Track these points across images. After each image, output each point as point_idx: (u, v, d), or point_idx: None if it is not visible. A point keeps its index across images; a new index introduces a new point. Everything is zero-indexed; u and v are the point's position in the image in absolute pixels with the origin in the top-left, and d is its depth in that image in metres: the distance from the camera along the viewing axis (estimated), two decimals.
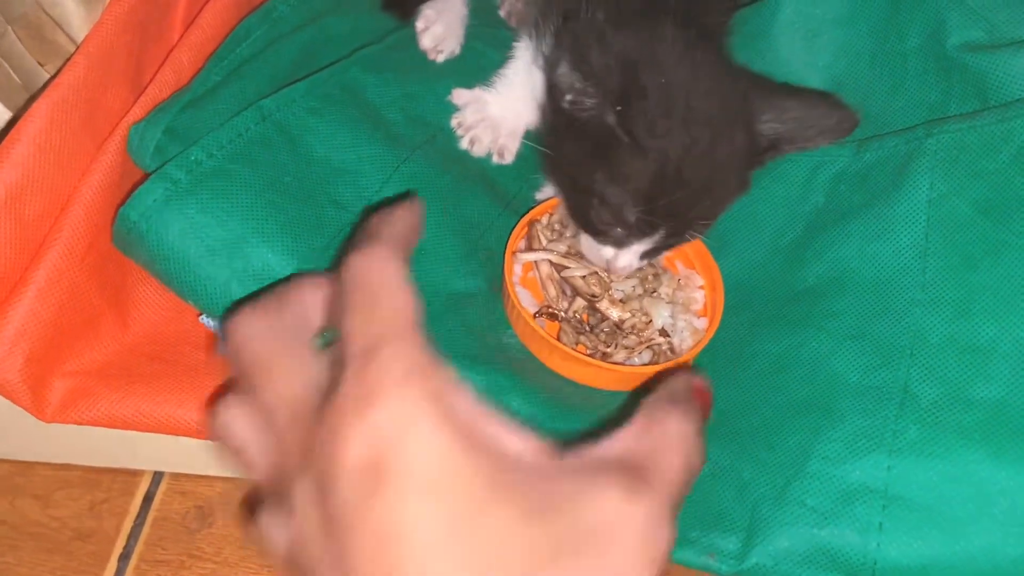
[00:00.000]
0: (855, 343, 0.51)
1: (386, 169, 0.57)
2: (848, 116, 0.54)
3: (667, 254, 0.61)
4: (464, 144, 0.64)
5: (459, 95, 0.65)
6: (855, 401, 0.49)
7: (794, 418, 0.51)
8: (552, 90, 0.54)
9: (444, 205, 0.59)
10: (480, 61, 0.66)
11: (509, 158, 0.65)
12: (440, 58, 0.68)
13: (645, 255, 0.56)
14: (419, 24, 0.68)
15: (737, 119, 0.52)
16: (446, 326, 0.54)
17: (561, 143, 0.56)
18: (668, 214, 0.52)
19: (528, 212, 0.60)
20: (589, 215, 0.55)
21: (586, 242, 0.57)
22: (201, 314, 0.54)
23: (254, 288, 0.49)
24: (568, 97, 0.52)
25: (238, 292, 0.49)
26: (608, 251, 0.56)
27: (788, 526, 0.47)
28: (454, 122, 0.65)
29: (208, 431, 0.34)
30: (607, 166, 0.52)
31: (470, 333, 0.55)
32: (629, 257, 0.55)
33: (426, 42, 0.68)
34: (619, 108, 0.50)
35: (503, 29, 0.72)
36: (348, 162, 0.56)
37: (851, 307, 0.53)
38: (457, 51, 0.68)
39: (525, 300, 0.57)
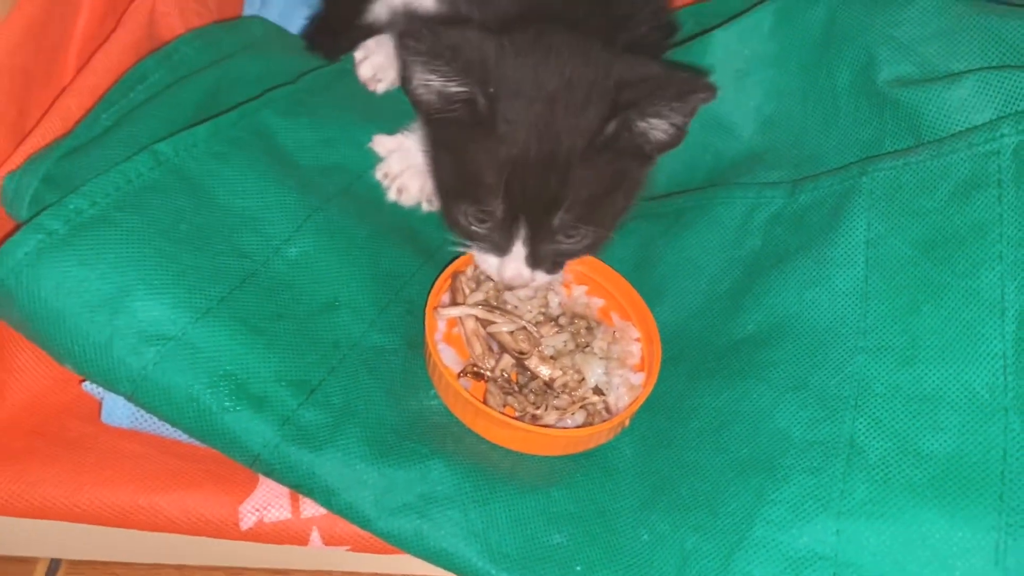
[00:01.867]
0: (797, 394, 0.48)
1: (296, 218, 0.54)
2: (700, 80, 0.52)
3: (587, 299, 0.58)
4: (392, 195, 0.61)
5: (381, 142, 0.62)
6: (800, 458, 0.46)
7: (737, 479, 0.47)
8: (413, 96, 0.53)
9: (360, 256, 0.55)
10: (400, 105, 0.63)
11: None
12: (380, 88, 0.66)
13: (533, 262, 0.53)
14: (358, 54, 0.67)
15: (590, 99, 0.50)
16: (362, 386, 0.49)
17: (434, 153, 0.56)
18: (523, 199, 0.50)
19: (452, 263, 0.56)
20: (458, 217, 0.53)
21: (477, 257, 0.55)
22: (84, 380, 0.49)
23: (140, 348, 0.44)
24: (422, 82, 0.51)
25: (122, 352, 0.44)
26: (492, 260, 0.54)
27: None
28: (379, 173, 0.61)
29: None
30: (462, 159, 0.51)
31: (388, 395, 0.50)
32: (515, 264, 0.53)
33: (364, 72, 0.66)
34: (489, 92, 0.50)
35: None
36: (254, 209, 0.52)
37: (792, 356, 0.50)
38: (397, 83, 0.66)
39: (448, 358, 0.53)
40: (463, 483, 0.47)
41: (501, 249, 0.53)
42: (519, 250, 0.52)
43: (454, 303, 0.55)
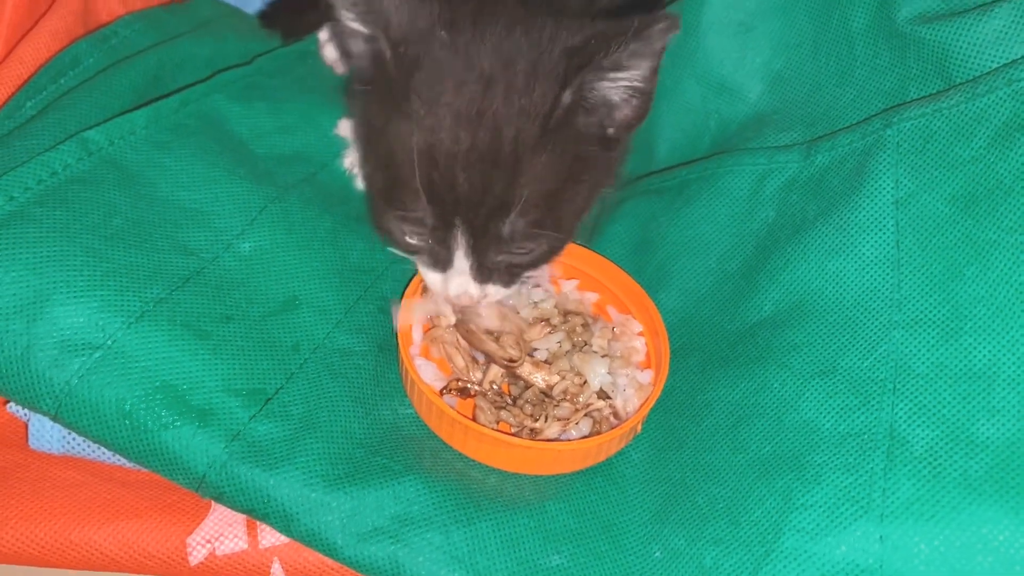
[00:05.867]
0: (825, 380, 0.42)
1: (250, 210, 0.48)
2: (656, 14, 0.40)
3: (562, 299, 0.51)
4: (361, 184, 0.55)
5: (346, 127, 0.56)
6: (832, 454, 0.39)
7: (760, 482, 0.41)
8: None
9: (323, 249, 0.49)
10: None
11: None
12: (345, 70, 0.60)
13: (482, 276, 0.45)
14: (322, 34, 0.61)
15: (536, 75, 0.42)
16: (325, 394, 0.43)
17: (362, 148, 0.49)
18: (457, 202, 0.42)
19: None
20: (390, 226, 0.45)
21: (422, 272, 0.47)
22: (7, 402, 0.43)
23: (63, 359, 0.38)
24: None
25: (41, 365, 0.38)
26: (435, 276, 0.46)
27: None
28: (346, 161, 0.55)
29: None
30: (383, 151, 0.44)
31: (356, 404, 0.44)
32: (459, 280, 0.45)
33: (330, 53, 0.61)
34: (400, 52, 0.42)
35: None
36: (201, 202, 0.47)
37: (816, 337, 0.44)
38: None
39: (429, 375, 0.46)
40: (443, 502, 0.41)
41: (442, 263, 0.45)
42: (462, 263, 0.44)
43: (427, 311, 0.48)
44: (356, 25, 0.43)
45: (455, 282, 0.45)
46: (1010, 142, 0.40)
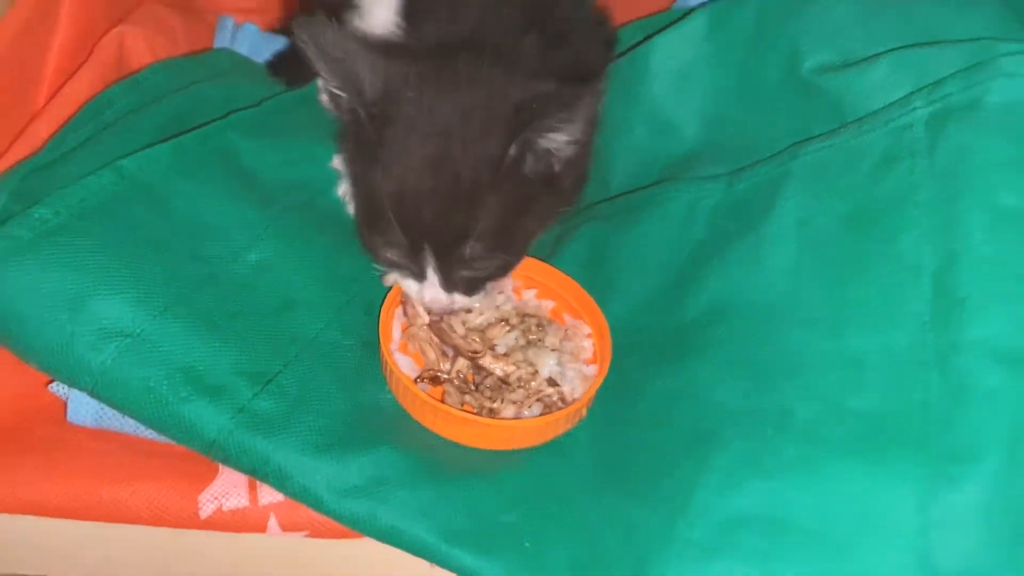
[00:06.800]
0: (735, 369, 0.50)
1: (256, 227, 0.56)
2: (586, 86, 0.50)
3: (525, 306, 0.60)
4: (352, 209, 0.63)
5: (340, 161, 0.65)
6: (736, 427, 0.47)
7: (680, 452, 0.48)
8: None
9: (318, 261, 0.57)
10: None
11: None
12: None
13: (448, 287, 0.54)
14: (320, 81, 0.69)
15: (489, 128, 0.51)
16: (317, 379, 0.51)
17: (351, 178, 0.57)
18: (424, 231, 0.51)
19: None
20: (374, 245, 0.54)
21: (400, 281, 0.56)
22: (50, 383, 0.51)
23: (100, 344, 0.46)
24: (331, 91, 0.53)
25: (82, 350, 0.46)
26: (413, 285, 0.55)
27: (675, 565, 0.44)
28: (340, 190, 0.64)
29: None
30: (366, 187, 0.53)
31: (342, 389, 0.52)
32: (432, 290, 0.54)
33: (326, 99, 0.68)
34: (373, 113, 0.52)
35: None
36: (214, 220, 0.55)
37: (731, 334, 0.52)
38: None
39: (405, 366, 0.55)
40: (414, 467, 0.49)
41: (417, 276, 0.54)
42: (432, 277, 0.53)
43: (405, 313, 0.57)
44: (334, 90, 0.52)
45: (428, 292, 0.54)
46: (885, 171, 0.48)
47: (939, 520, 0.40)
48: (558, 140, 0.52)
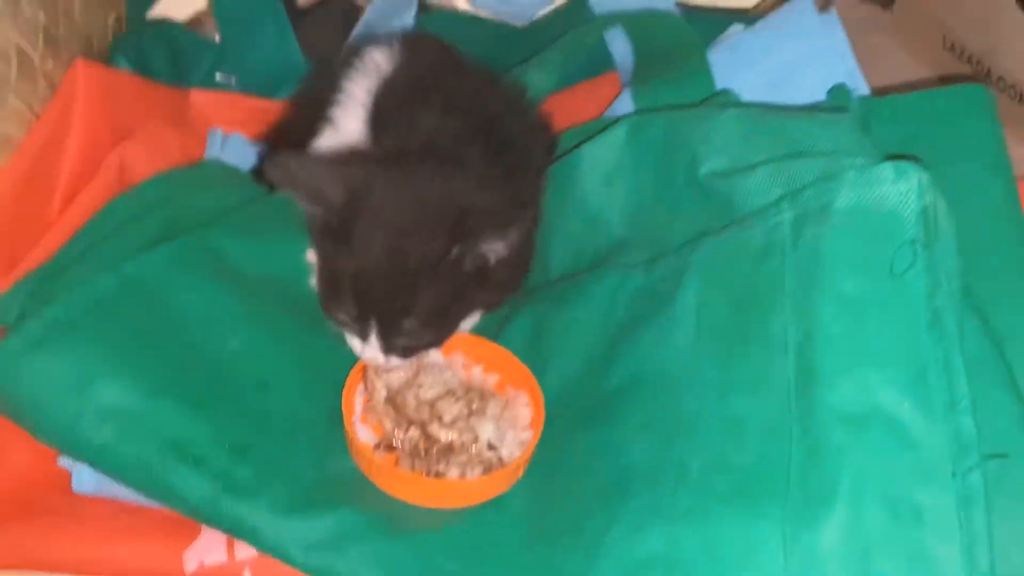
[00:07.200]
0: (645, 430, 0.58)
1: (237, 315, 0.65)
2: (517, 211, 0.62)
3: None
4: None
5: (313, 255, 0.74)
6: (643, 481, 0.55)
7: (597, 504, 0.56)
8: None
9: (291, 346, 0.66)
10: None
11: None
12: None
13: (386, 350, 0.62)
14: None
15: (436, 229, 0.61)
16: (289, 450, 0.59)
17: (318, 258, 0.67)
18: (372, 305, 0.60)
19: None
20: (330, 311, 0.64)
21: (348, 339, 0.65)
22: (59, 456, 0.60)
23: (100, 423, 0.55)
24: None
25: (85, 428, 0.55)
26: (356, 342, 0.63)
27: None
28: (312, 281, 0.73)
29: None
30: (329, 267, 0.63)
31: (311, 456, 0.60)
32: (372, 351, 0.62)
33: None
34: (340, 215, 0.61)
35: None
36: (201, 312, 0.64)
37: (642, 402, 0.59)
38: None
39: (365, 436, 0.63)
40: (371, 524, 0.57)
41: (362, 337, 0.63)
42: (373, 341, 0.62)
43: (367, 389, 0.66)
44: (305, 207, 0.62)
45: (368, 351, 0.62)
46: (761, 262, 0.56)
47: (799, 558, 0.47)
48: (494, 247, 0.61)
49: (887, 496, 0.47)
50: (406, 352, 0.64)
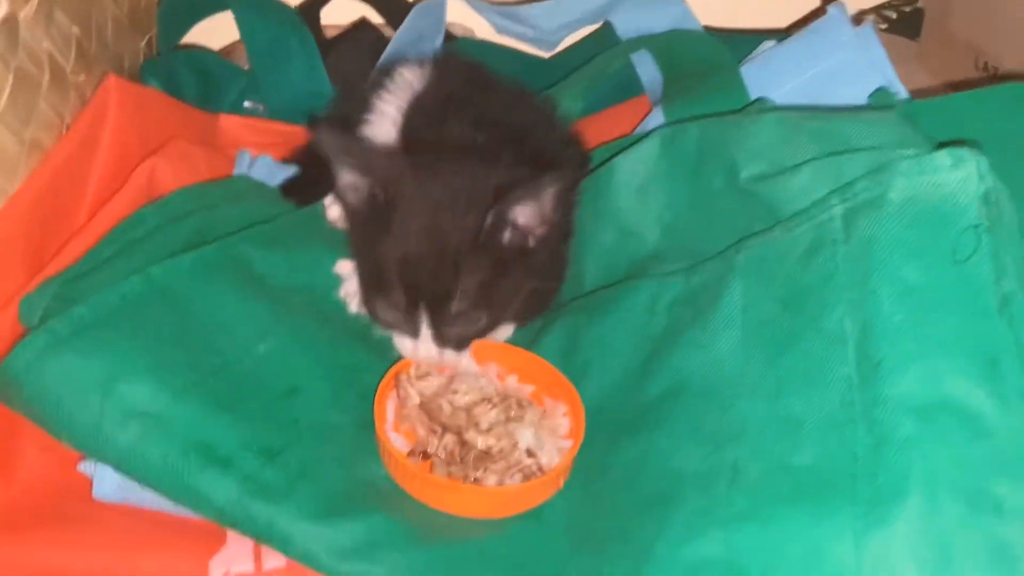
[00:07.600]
0: (692, 437, 0.55)
1: (264, 324, 0.63)
2: (551, 174, 0.61)
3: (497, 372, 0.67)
4: (353, 308, 0.70)
5: (342, 266, 0.72)
6: (693, 487, 0.52)
7: (645, 512, 0.53)
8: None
9: (320, 352, 0.64)
10: None
11: None
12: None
13: (440, 342, 0.61)
14: (327, 200, 0.78)
15: (471, 204, 0.61)
16: (318, 456, 0.57)
17: (356, 254, 0.67)
18: (420, 290, 0.60)
19: (396, 363, 0.65)
20: (376, 308, 0.63)
21: (396, 341, 0.64)
22: (80, 462, 0.57)
23: (125, 423, 0.53)
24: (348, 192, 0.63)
25: (109, 428, 0.53)
26: (407, 343, 0.62)
27: None
28: (341, 292, 0.71)
29: None
30: (372, 257, 0.62)
31: (340, 465, 0.58)
32: (425, 346, 0.61)
33: (332, 214, 0.78)
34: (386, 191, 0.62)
35: None
36: (227, 317, 0.62)
37: (687, 408, 0.57)
38: None
39: (398, 443, 0.60)
40: (405, 532, 0.54)
41: (413, 333, 0.62)
42: (426, 334, 0.61)
43: (397, 396, 0.63)
44: (352, 177, 0.62)
45: (422, 348, 0.62)
46: (811, 259, 0.55)
47: (873, 555, 0.45)
48: (528, 215, 0.61)
49: (963, 488, 0.44)
50: (459, 343, 0.63)
